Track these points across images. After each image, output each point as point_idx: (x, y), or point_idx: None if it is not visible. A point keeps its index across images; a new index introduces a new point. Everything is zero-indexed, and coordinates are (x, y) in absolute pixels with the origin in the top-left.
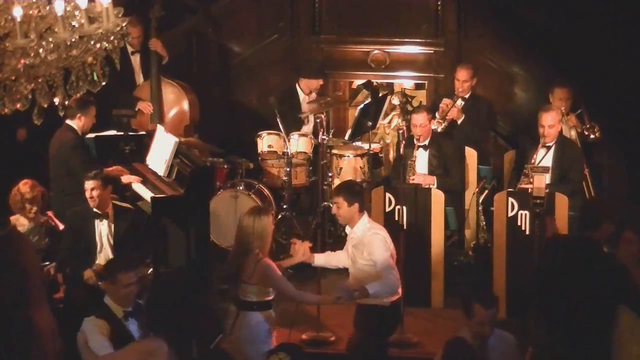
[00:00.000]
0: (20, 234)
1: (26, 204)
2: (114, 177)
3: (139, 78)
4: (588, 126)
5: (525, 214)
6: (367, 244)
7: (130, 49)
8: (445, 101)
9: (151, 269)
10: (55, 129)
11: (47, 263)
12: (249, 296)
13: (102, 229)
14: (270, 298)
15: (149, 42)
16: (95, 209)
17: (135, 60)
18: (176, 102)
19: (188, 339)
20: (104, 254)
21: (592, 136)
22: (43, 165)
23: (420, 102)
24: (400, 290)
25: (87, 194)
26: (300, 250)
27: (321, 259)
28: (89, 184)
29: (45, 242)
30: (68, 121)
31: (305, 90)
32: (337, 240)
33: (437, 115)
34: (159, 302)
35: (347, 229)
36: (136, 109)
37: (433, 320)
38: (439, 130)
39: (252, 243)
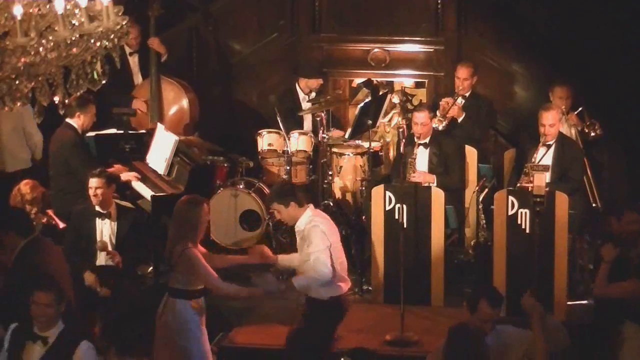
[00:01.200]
0: (46, 239)
1: (26, 205)
2: (115, 176)
3: (137, 78)
4: (588, 124)
5: (526, 213)
6: (307, 236)
7: (127, 50)
8: (446, 100)
9: (151, 268)
10: (55, 128)
11: None
12: (175, 284)
13: (105, 228)
14: (199, 287)
15: (147, 41)
16: (98, 208)
17: (133, 60)
18: (176, 100)
19: None
20: (105, 252)
21: (592, 134)
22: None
23: (421, 100)
24: (343, 286)
25: (91, 192)
26: (257, 252)
27: (285, 260)
28: (93, 182)
29: None
30: (68, 120)
31: (305, 90)
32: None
33: (437, 113)
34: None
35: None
36: (132, 108)
37: (433, 319)
38: (440, 128)
39: (184, 232)
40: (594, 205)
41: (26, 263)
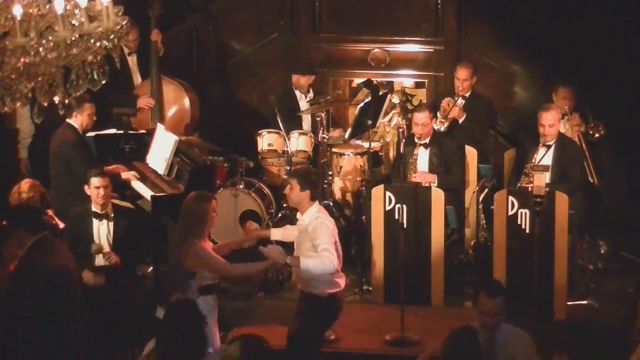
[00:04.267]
0: (54, 238)
1: (37, 209)
2: (115, 175)
3: (137, 78)
4: (593, 125)
5: (525, 213)
6: (312, 230)
7: (126, 50)
8: (447, 100)
9: (151, 268)
10: (56, 128)
11: None
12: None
13: (102, 229)
14: (207, 283)
15: (150, 34)
16: (95, 209)
17: (132, 60)
18: (176, 100)
19: None
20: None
21: (596, 135)
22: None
23: (420, 100)
24: (340, 282)
25: (96, 192)
26: (252, 228)
27: (278, 234)
28: (98, 182)
29: None
30: (68, 120)
31: (296, 85)
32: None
33: (438, 114)
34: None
35: (298, 215)
36: (137, 107)
37: (433, 319)
38: (442, 129)
39: (192, 228)
40: (591, 180)
41: (34, 259)
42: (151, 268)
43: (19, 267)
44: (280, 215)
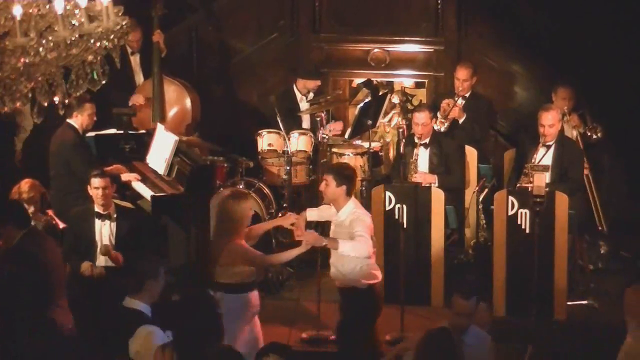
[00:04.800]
0: (41, 231)
1: (24, 204)
2: (115, 176)
3: (139, 78)
4: (591, 127)
5: (525, 213)
6: (349, 224)
7: (129, 50)
8: (447, 101)
9: None
10: (56, 128)
11: None
12: (220, 278)
13: (104, 229)
14: (243, 281)
15: (152, 34)
16: (97, 209)
17: (135, 60)
18: (178, 100)
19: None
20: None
21: (594, 136)
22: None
23: (420, 100)
24: (378, 275)
25: (96, 192)
26: (289, 217)
27: (314, 214)
28: (99, 182)
29: None
30: (68, 120)
31: (303, 91)
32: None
33: (438, 115)
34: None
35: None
36: (130, 105)
37: (433, 319)
38: (442, 130)
39: (228, 226)
40: (599, 229)
41: (22, 252)
42: None
43: (5, 258)
44: (280, 215)
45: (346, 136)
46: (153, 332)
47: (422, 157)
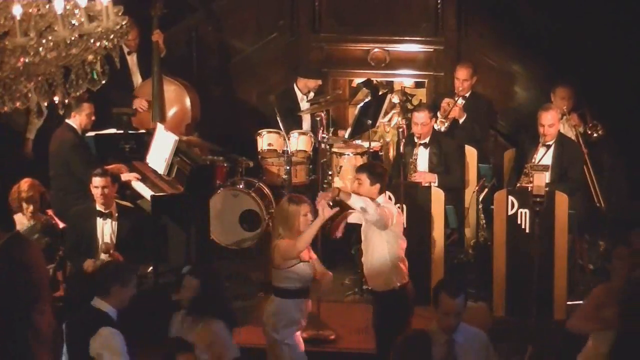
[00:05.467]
0: (24, 236)
1: (23, 203)
2: (115, 175)
3: (137, 78)
4: (591, 125)
5: (525, 212)
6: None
7: (126, 49)
8: (447, 101)
9: (151, 267)
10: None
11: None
12: (274, 281)
13: (106, 228)
14: (287, 286)
15: (151, 34)
16: (99, 208)
17: (132, 60)
18: (177, 100)
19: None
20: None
21: (595, 135)
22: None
23: (420, 100)
24: (406, 275)
25: (97, 192)
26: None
27: (356, 216)
28: (99, 182)
29: (45, 241)
30: (67, 120)
31: (303, 90)
32: (336, 239)
33: (439, 114)
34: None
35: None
36: (133, 107)
37: (433, 319)
38: (442, 129)
39: (282, 229)
40: (597, 204)
41: (7, 257)
42: (151, 268)
43: None
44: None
45: (346, 136)
46: (114, 333)
47: (422, 157)
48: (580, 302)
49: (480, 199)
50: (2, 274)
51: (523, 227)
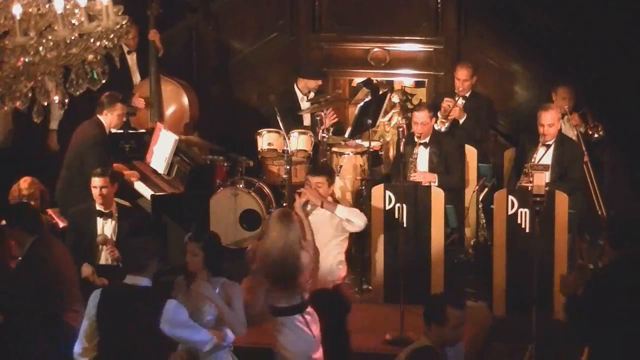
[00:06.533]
0: (51, 236)
1: (36, 209)
2: (116, 175)
3: (136, 77)
4: (592, 125)
5: (525, 212)
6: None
7: (125, 48)
8: (447, 101)
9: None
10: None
11: None
12: None
13: (106, 228)
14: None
15: (148, 33)
16: (99, 207)
17: (132, 59)
18: (175, 100)
19: None
20: (106, 251)
21: (595, 135)
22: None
23: (420, 100)
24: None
25: (96, 192)
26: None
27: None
28: (98, 182)
29: None
30: (98, 115)
31: (304, 90)
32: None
33: (439, 115)
34: None
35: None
36: (130, 104)
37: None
38: (443, 130)
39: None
40: (596, 205)
41: (35, 259)
42: None
43: (20, 267)
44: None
45: (346, 135)
46: (178, 306)
47: (422, 157)
48: None
49: (480, 198)
50: (30, 276)
51: (523, 227)
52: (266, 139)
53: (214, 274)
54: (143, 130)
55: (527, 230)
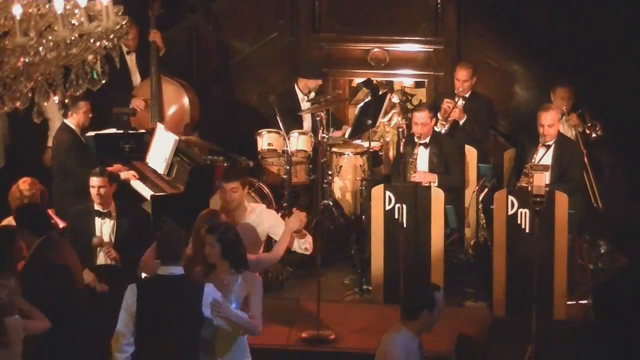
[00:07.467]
0: (60, 238)
1: (24, 202)
2: (115, 175)
3: (135, 77)
4: (590, 125)
5: (525, 212)
6: (265, 218)
7: (125, 49)
8: (447, 102)
9: None
10: None
11: None
12: None
13: (105, 227)
14: None
15: (149, 34)
16: (98, 207)
17: (131, 59)
18: (176, 100)
19: None
20: (102, 249)
21: (594, 135)
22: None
23: (420, 100)
24: None
25: (94, 191)
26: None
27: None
28: (96, 181)
29: None
30: (65, 120)
31: (304, 90)
32: (336, 239)
33: (439, 116)
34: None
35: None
36: (130, 107)
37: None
38: (443, 131)
39: None
40: (595, 205)
41: (40, 260)
42: None
43: (26, 268)
44: (279, 215)
45: (346, 136)
46: (214, 288)
47: (422, 157)
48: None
49: (480, 199)
50: (39, 278)
51: (523, 227)
52: (266, 139)
53: (233, 265)
54: (143, 131)
55: (527, 231)
